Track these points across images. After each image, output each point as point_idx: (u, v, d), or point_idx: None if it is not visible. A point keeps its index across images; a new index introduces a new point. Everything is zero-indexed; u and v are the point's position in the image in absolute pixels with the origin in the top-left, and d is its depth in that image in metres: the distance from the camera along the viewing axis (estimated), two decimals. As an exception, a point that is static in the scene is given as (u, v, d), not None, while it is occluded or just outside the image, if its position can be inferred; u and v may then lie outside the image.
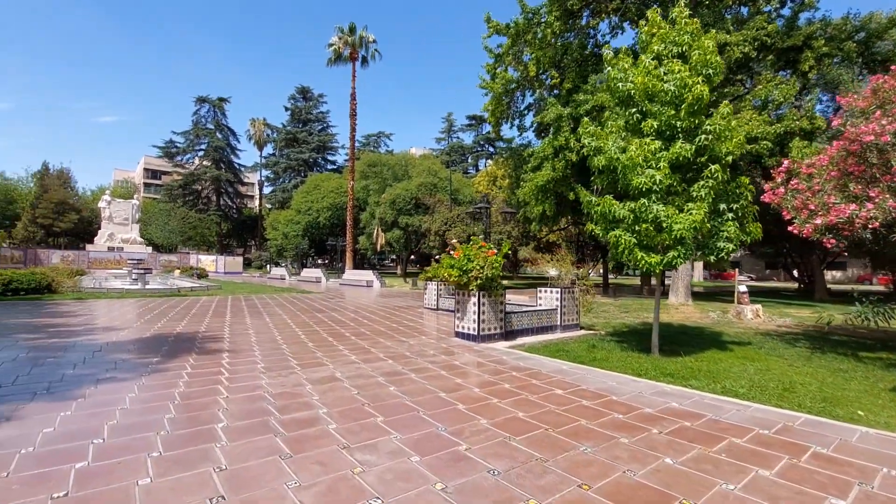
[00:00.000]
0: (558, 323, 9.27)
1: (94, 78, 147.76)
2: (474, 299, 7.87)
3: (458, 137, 69.77)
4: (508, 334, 8.25)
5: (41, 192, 48.77)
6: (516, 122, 23.18)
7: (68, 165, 54.96)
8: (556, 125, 16.43)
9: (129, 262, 29.27)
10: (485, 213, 13.63)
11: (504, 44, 19.71)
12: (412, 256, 46.58)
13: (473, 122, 66.31)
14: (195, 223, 55.47)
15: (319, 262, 54.18)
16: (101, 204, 44.58)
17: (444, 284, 12.90)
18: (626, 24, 18.46)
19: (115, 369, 5.29)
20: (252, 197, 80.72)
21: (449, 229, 23.75)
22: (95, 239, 42.96)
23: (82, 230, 48.73)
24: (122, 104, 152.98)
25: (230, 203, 65.88)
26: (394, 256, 60.32)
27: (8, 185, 54.69)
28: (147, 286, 19.99)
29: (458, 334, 8.20)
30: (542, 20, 18.17)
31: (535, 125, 23.39)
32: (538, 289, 9.83)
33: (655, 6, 18.44)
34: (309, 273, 34.36)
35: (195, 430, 3.45)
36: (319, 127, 63.74)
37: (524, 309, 8.94)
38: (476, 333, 7.79)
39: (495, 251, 7.87)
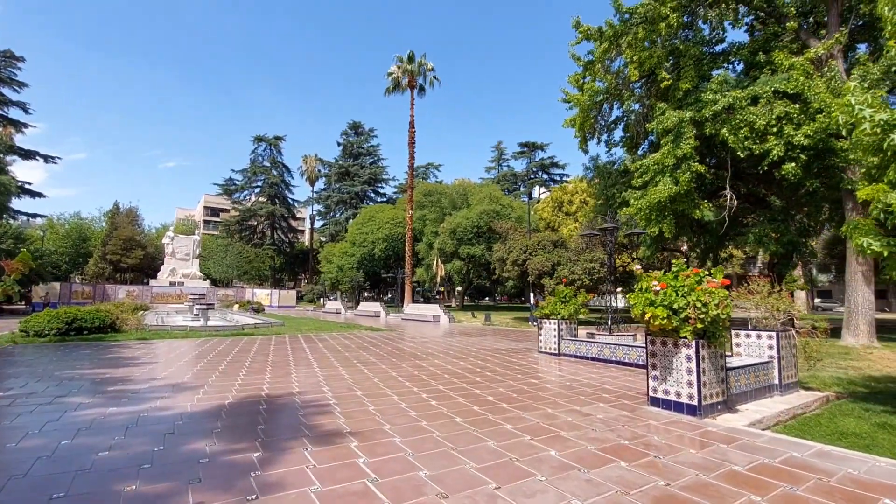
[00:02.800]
0: (776, 382, 6.53)
1: (158, 128, 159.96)
2: (687, 351, 5.34)
3: (508, 166, 68.25)
4: (728, 401, 5.62)
5: (111, 229, 50.70)
6: (604, 137, 20.86)
7: (136, 204, 57.03)
8: (676, 132, 13.93)
9: (190, 296, 28.69)
10: (610, 236, 11.07)
11: (595, 49, 17.69)
12: (468, 289, 44.26)
13: (526, 149, 64.71)
14: (251, 257, 56.02)
15: (368, 294, 52.92)
16: (165, 240, 45.60)
17: (567, 324, 10.40)
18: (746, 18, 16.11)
19: (199, 482, 3.16)
20: (303, 231, 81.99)
21: (529, 258, 21.27)
22: (158, 274, 43.61)
23: (147, 265, 49.94)
24: (184, 150, 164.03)
25: (283, 237, 66.72)
26: (440, 289, 58.20)
27: (83, 224, 57.60)
28: (209, 322, 18.71)
29: (655, 401, 5.64)
30: (644, 19, 16.04)
31: (623, 139, 21.01)
32: (733, 332, 7.14)
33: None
34: (367, 307, 32.69)
35: None
36: (370, 160, 64.05)
37: (735, 364, 6.27)
38: (696, 404, 5.21)
39: (715, 282, 5.33)
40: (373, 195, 64.41)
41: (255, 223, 64.08)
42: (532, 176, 63.75)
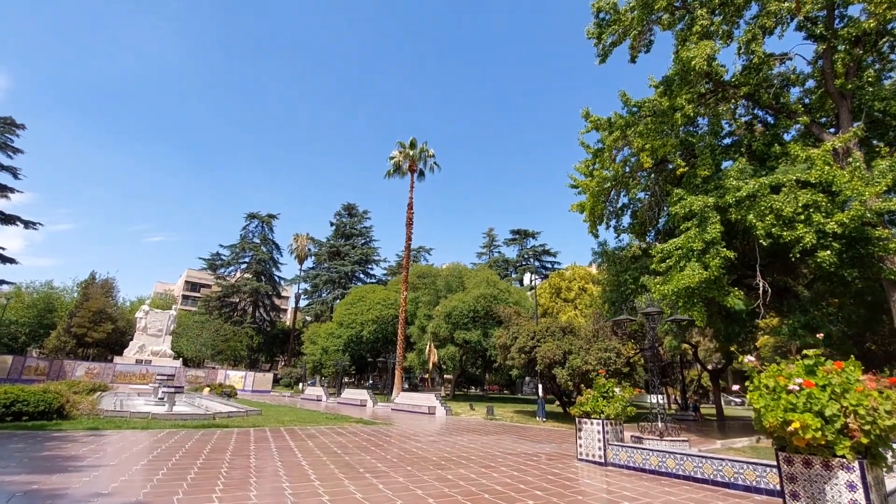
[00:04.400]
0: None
1: (148, 204, 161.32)
2: (848, 476, 3.92)
3: (499, 252, 68.60)
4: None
5: (83, 300, 47.75)
6: (612, 222, 20.60)
7: (114, 275, 54.59)
8: (700, 217, 13.47)
9: (157, 377, 25.81)
10: (652, 322, 9.79)
11: (605, 138, 17.99)
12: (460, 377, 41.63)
13: (517, 235, 65.55)
14: (228, 336, 52.76)
15: (348, 380, 49.31)
16: (139, 314, 42.76)
17: (613, 425, 8.78)
18: (757, 111, 16.70)
19: None
20: (285, 310, 79.07)
21: (538, 345, 19.74)
22: (125, 351, 40.20)
23: (115, 341, 46.37)
24: (172, 225, 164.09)
25: (265, 316, 63.86)
26: (427, 375, 54.92)
27: (52, 293, 54.42)
28: (174, 408, 16.25)
29: (804, 551, 4.07)
30: (653, 112, 16.48)
31: (632, 225, 20.76)
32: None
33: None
34: (351, 394, 29.87)
35: None
36: (362, 241, 63.87)
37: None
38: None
39: (874, 380, 4.06)
40: (362, 276, 63.23)
41: (238, 300, 61.53)
42: (524, 262, 63.85)
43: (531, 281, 62.23)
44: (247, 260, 63.27)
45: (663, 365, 34.48)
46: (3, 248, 41.52)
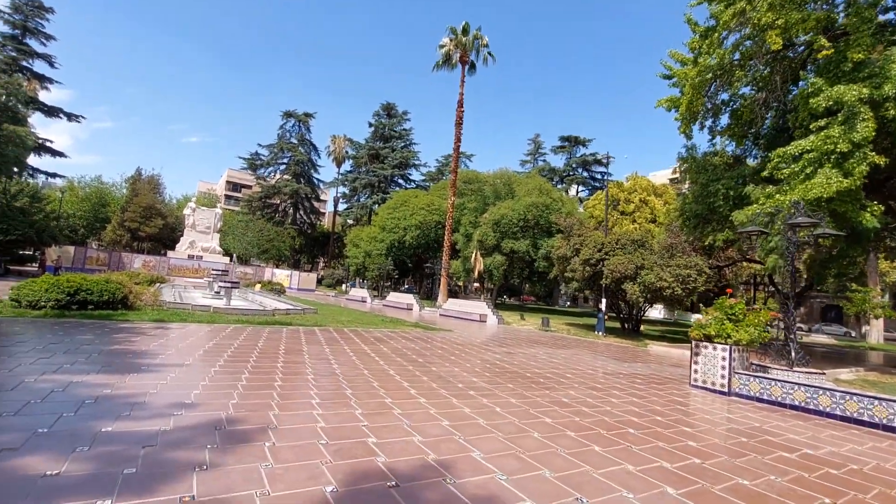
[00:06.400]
0: None
1: (183, 103, 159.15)
2: None
3: (545, 160, 64.80)
4: None
5: (132, 195, 48.78)
6: (708, 122, 17.69)
7: (159, 172, 55.04)
8: (847, 112, 10.81)
9: (211, 272, 26.21)
10: (793, 236, 7.82)
11: (722, 11, 14.53)
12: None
13: (566, 143, 61.18)
14: (272, 236, 53.73)
15: (387, 284, 50.34)
16: (186, 211, 43.48)
17: (741, 352, 7.48)
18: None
19: None
20: (324, 214, 79.67)
21: (606, 258, 18.27)
22: (177, 246, 41.54)
23: (166, 236, 47.96)
24: (208, 126, 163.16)
25: (305, 218, 64.39)
26: (475, 284, 55.37)
27: (103, 188, 55.90)
28: (231, 302, 16.18)
29: None
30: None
31: (731, 126, 17.82)
32: None
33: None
34: (397, 298, 30.02)
35: None
36: (402, 144, 61.17)
37: None
38: None
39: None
40: (401, 181, 61.62)
41: (278, 201, 61.83)
42: (571, 172, 60.19)
43: (577, 192, 59.38)
44: (285, 161, 62.31)
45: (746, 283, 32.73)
46: (51, 141, 41.77)
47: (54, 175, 43.94)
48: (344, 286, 48.87)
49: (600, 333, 18.53)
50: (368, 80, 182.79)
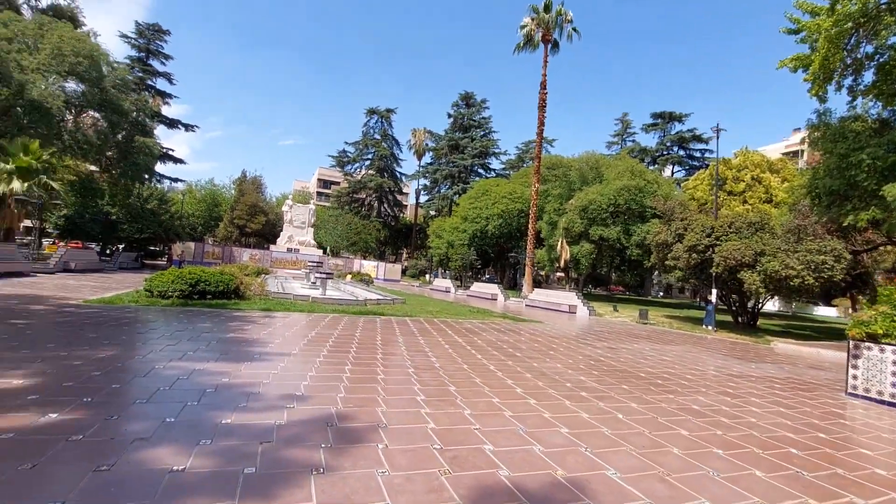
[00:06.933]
0: None
1: (279, 108, 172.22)
2: None
3: (634, 140, 60.28)
4: None
5: (239, 195, 53.81)
6: (847, 80, 14.96)
7: (260, 173, 60.06)
8: None
9: (308, 263, 27.96)
10: None
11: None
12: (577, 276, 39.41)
13: (659, 120, 56.30)
14: (359, 229, 56.28)
15: (469, 274, 50.41)
16: (284, 207, 46.94)
17: (926, 354, 6.02)
18: None
19: None
20: (406, 206, 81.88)
21: (717, 243, 16.33)
22: (278, 240, 45.01)
23: (268, 231, 52.30)
24: (300, 129, 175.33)
25: (389, 211, 66.58)
26: (559, 274, 53.55)
27: (216, 190, 62.43)
28: (326, 293, 16.94)
29: None
30: None
31: (877, 85, 14.88)
32: None
33: None
34: (481, 288, 29.72)
35: None
36: (481, 133, 60.49)
37: None
38: None
39: None
40: (481, 170, 61.09)
41: (364, 195, 64.56)
42: (665, 152, 55.29)
43: (673, 173, 54.55)
44: (370, 156, 64.76)
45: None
46: (173, 150, 47.27)
47: (176, 180, 49.80)
48: (427, 276, 49.76)
49: (710, 328, 16.67)
50: (446, 72, 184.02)
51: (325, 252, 47.82)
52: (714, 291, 17.05)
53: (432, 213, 63.61)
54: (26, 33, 22.21)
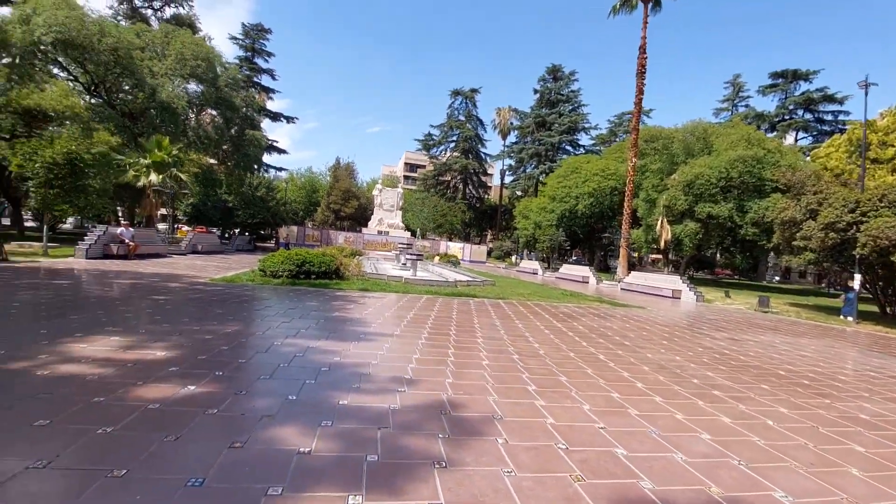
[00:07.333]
0: None
1: (366, 97, 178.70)
2: None
3: (747, 105, 53.26)
4: None
5: (334, 181, 57.18)
6: None
7: (353, 160, 63.13)
8: None
9: (398, 245, 28.77)
10: None
11: None
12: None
13: (780, 80, 49.02)
14: (444, 211, 56.98)
15: (554, 256, 48.60)
16: (375, 192, 48.94)
17: None
18: None
19: None
20: (490, 187, 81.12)
21: (863, 220, 13.80)
22: (369, 223, 47.17)
23: (360, 215, 55.06)
24: (386, 116, 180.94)
25: (473, 192, 66.45)
26: (655, 256, 49.81)
27: (313, 177, 66.92)
28: (417, 274, 17.24)
29: None
30: None
31: None
32: None
33: None
34: (571, 270, 28.44)
35: None
36: (570, 107, 57.46)
37: None
38: None
39: None
40: (569, 147, 58.24)
41: (449, 178, 65.05)
42: (788, 116, 48.03)
43: (796, 140, 47.51)
44: (454, 138, 64.86)
45: None
46: (277, 142, 51.28)
47: (280, 169, 54.19)
48: (513, 258, 49.08)
49: (850, 319, 14.25)
50: (532, 46, 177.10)
51: (415, 235, 49.23)
52: (857, 277, 14.49)
53: (518, 193, 62.31)
54: (155, 42, 25.08)
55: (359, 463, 2.52)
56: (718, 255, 56.03)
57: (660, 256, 56.84)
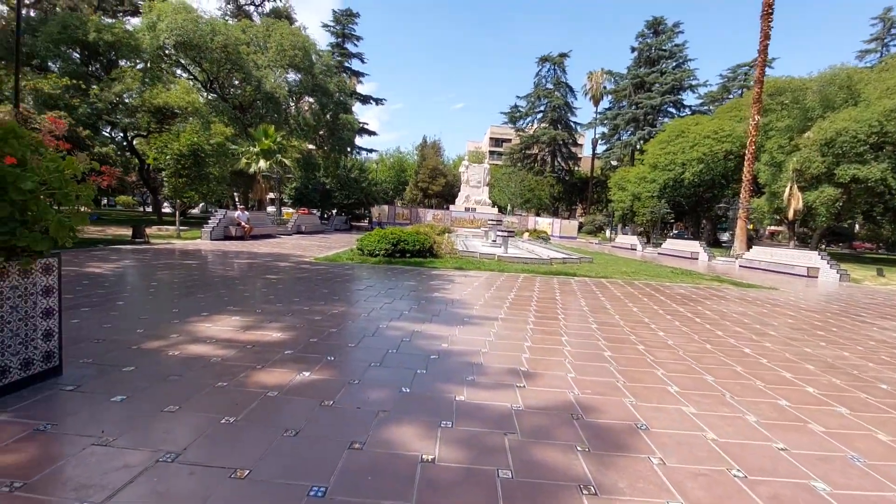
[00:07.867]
0: None
1: (446, 75, 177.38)
2: None
3: (906, 43, 43.55)
4: None
5: (421, 160, 57.97)
6: None
7: (439, 137, 63.36)
8: None
9: (487, 222, 28.34)
10: None
11: None
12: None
13: (960, 5, 39.18)
14: (532, 185, 55.12)
15: (675, 231, 44.59)
16: (461, 168, 48.71)
17: None
18: None
19: None
20: (580, 158, 76.73)
21: None
22: (456, 200, 47.22)
23: (447, 193, 55.43)
24: (470, 92, 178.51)
25: (563, 165, 63.30)
26: (776, 228, 43.70)
27: (402, 157, 68.53)
28: (508, 251, 16.68)
29: None
30: None
31: None
32: None
33: None
34: (677, 245, 25.85)
35: None
36: (673, 64, 51.66)
37: None
38: None
39: None
40: (672, 109, 52.63)
41: (537, 150, 62.56)
42: (969, 50, 38.48)
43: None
44: (542, 108, 61.95)
45: None
46: (367, 124, 53.00)
47: (371, 151, 56.21)
48: (607, 232, 46.22)
49: None
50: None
51: (503, 210, 48.36)
52: None
53: (612, 163, 58.13)
54: (258, 36, 26.77)
55: (491, 479, 2.18)
56: (857, 227, 47.61)
57: (780, 229, 49.84)
